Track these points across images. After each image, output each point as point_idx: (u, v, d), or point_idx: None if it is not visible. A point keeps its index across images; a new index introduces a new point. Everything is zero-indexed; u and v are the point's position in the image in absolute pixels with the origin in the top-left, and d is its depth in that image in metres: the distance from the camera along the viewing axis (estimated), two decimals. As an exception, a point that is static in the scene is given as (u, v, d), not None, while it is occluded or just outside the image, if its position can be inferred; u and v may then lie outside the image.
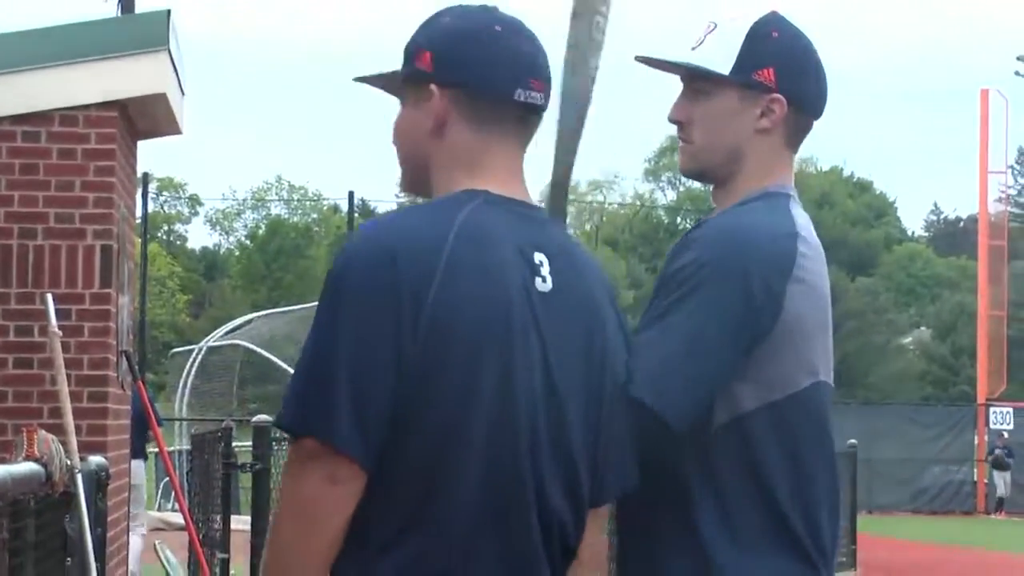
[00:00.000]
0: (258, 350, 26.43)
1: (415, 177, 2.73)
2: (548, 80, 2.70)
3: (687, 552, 2.95)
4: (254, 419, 9.45)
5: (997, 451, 35.79)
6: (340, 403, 2.36)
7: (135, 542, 14.06)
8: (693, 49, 3.10)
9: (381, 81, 2.78)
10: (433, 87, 2.59)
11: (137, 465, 13.63)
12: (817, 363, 3.00)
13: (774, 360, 2.95)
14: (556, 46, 3.19)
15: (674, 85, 3.19)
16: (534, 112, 2.68)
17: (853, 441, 18.62)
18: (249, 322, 30.74)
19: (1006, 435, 36.63)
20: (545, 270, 2.54)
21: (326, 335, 2.44)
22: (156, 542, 14.04)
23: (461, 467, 2.42)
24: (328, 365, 2.40)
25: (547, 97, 2.70)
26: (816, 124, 3.28)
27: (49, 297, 7.49)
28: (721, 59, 3.08)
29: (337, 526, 2.38)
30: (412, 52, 2.73)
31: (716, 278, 2.88)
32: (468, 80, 2.60)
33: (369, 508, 2.39)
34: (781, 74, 3.09)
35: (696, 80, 3.10)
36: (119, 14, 11.54)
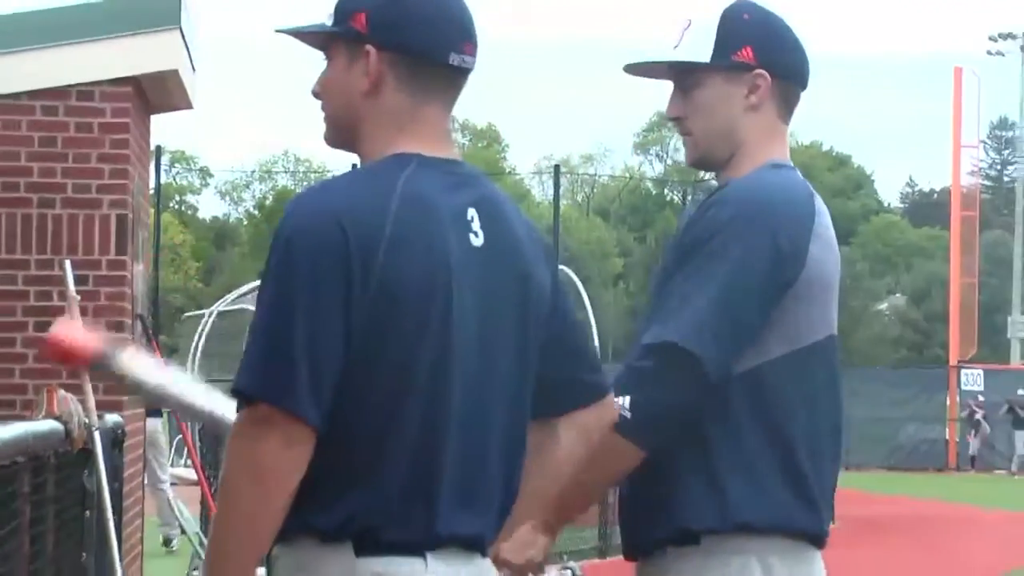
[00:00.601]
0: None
1: (343, 136, 2.69)
2: (476, 43, 2.67)
3: (701, 489, 3.01)
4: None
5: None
6: (298, 370, 2.35)
7: (167, 491, 14.32)
8: (675, 48, 3.15)
9: (306, 36, 2.73)
10: (369, 48, 2.54)
11: (153, 422, 13.68)
12: (833, 316, 3.07)
13: (798, 311, 3.01)
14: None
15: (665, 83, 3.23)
16: (464, 75, 2.64)
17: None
18: (256, 288, 30.96)
19: (980, 397, 37.10)
20: (476, 225, 2.54)
21: (282, 303, 2.42)
22: (170, 496, 14.26)
23: (404, 421, 2.42)
24: (285, 332, 2.39)
25: (474, 59, 2.67)
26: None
27: (67, 263, 7.49)
28: (701, 50, 3.12)
29: (293, 487, 2.36)
30: (346, 11, 2.65)
31: (746, 234, 2.95)
32: (406, 44, 2.55)
33: (314, 466, 2.39)
34: (759, 50, 3.13)
35: (683, 75, 3.14)
36: None
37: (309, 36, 2.72)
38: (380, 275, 2.37)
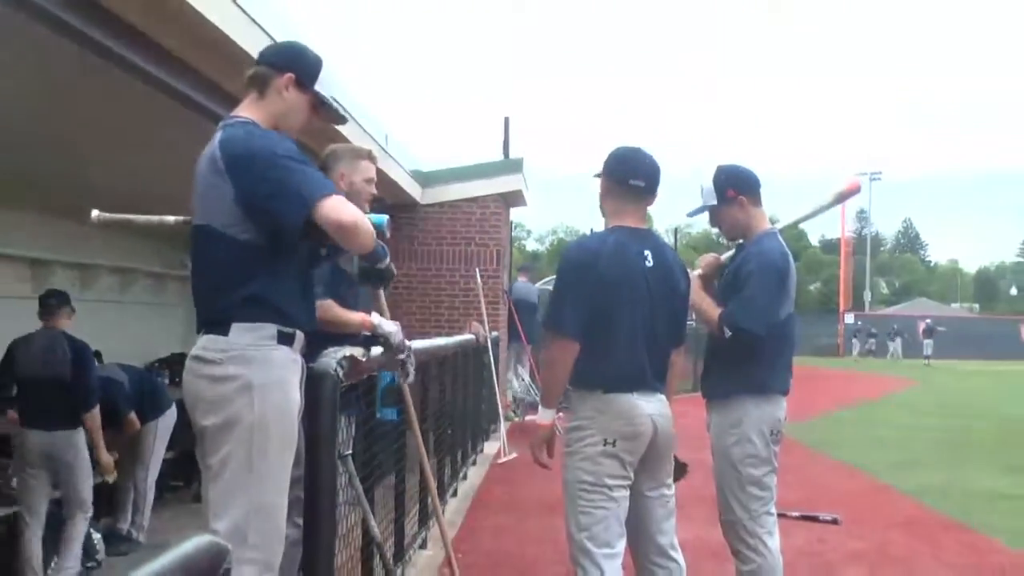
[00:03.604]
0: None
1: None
2: (656, 177, 4.26)
3: (747, 375, 4.65)
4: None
5: None
6: (575, 314, 4.04)
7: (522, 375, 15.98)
8: (704, 196, 4.80)
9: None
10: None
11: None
12: (792, 303, 4.75)
13: (787, 301, 4.68)
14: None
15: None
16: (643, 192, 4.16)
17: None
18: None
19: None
20: (649, 256, 4.16)
21: (560, 284, 4.12)
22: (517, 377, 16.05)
23: (617, 332, 4.07)
24: (565, 298, 4.07)
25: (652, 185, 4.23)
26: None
27: (477, 271, 12.51)
28: (711, 197, 4.79)
29: (570, 365, 4.06)
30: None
31: (770, 268, 4.59)
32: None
33: (580, 355, 4.05)
34: (737, 186, 4.74)
35: (710, 210, 4.80)
36: (504, 157, 15.51)
37: None
38: (601, 272, 4.05)
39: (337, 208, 3.22)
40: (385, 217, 3.84)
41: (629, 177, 4.14)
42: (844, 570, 6.75)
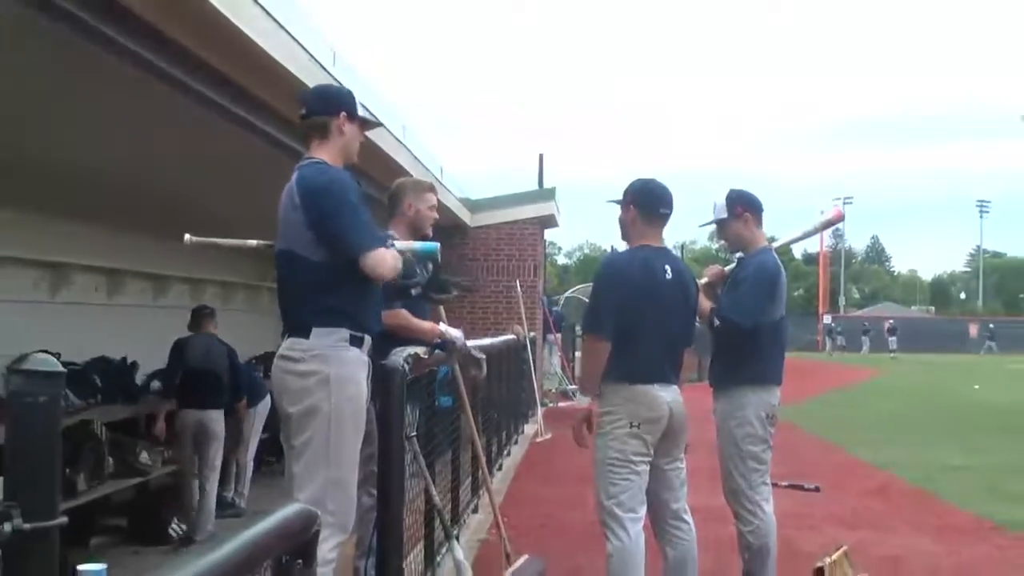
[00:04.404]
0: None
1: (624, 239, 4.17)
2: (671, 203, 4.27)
3: (746, 366, 4.64)
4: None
5: None
6: (608, 319, 4.07)
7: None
8: (715, 212, 4.80)
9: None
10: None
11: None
12: (784, 306, 4.75)
13: (780, 305, 4.73)
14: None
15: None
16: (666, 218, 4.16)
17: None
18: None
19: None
20: (668, 270, 4.18)
21: (596, 294, 4.17)
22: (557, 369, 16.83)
23: (642, 334, 4.07)
24: (600, 306, 4.08)
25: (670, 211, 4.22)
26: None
27: (517, 283, 12.47)
28: (722, 212, 4.78)
29: (604, 361, 4.06)
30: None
31: (763, 276, 4.62)
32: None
33: (612, 354, 4.04)
34: (745, 206, 4.74)
35: (719, 223, 4.81)
36: (538, 186, 16.71)
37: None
38: (628, 285, 4.04)
39: (378, 262, 3.34)
40: (436, 245, 3.99)
41: (659, 207, 4.18)
42: (826, 529, 6.70)
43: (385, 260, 3.37)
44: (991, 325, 53.49)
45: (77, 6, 3.53)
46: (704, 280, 4.75)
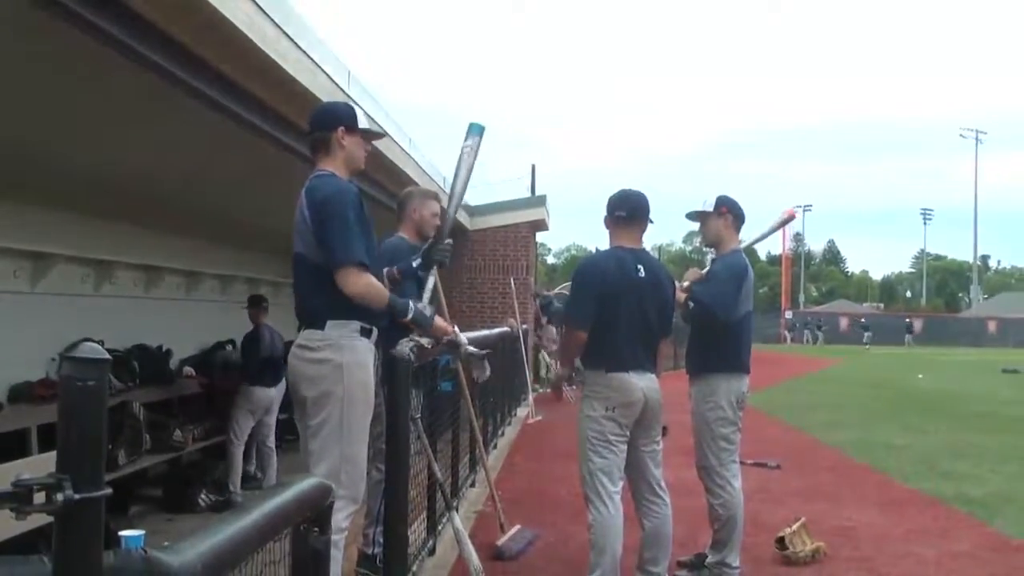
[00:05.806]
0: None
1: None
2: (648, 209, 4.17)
3: (718, 356, 4.60)
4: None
5: None
6: (584, 312, 3.98)
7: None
8: (703, 205, 4.72)
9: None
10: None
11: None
12: (751, 301, 4.62)
13: (747, 300, 4.61)
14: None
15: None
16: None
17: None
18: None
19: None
20: (641, 268, 4.07)
21: (574, 290, 4.09)
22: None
23: (618, 326, 3.99)
24: (577, 300, 4.05)
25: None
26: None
27: (512, 279, 12.46)
28: (708, 206, 4.72)
29: (581, 346, 4.04)
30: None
31: (733, 273, 4.55)
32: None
33: (589, 341, 3.99)
34: (729, 207, 4.68)
35: (704, 215, 4.69)
36: (531, 194, 16.24)
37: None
38: (605, 282, 3.96)
39: (349, 280, 3.22)
40: (483, 126, 4.11)
41: (615, 210, 4.15)
42: (787, 502, 6.68)
43: (356, 282, 3.22)
44: (863, 319, 53.17)
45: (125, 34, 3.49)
46: (686, 283, 4.72)
